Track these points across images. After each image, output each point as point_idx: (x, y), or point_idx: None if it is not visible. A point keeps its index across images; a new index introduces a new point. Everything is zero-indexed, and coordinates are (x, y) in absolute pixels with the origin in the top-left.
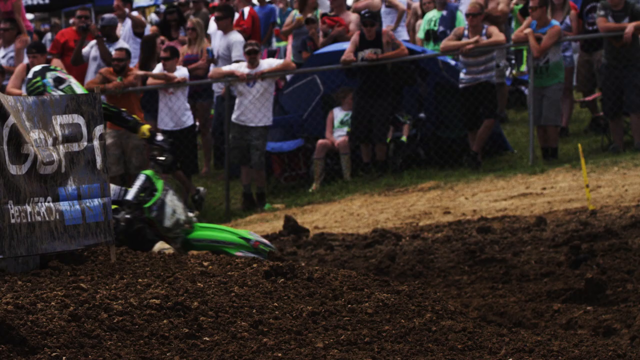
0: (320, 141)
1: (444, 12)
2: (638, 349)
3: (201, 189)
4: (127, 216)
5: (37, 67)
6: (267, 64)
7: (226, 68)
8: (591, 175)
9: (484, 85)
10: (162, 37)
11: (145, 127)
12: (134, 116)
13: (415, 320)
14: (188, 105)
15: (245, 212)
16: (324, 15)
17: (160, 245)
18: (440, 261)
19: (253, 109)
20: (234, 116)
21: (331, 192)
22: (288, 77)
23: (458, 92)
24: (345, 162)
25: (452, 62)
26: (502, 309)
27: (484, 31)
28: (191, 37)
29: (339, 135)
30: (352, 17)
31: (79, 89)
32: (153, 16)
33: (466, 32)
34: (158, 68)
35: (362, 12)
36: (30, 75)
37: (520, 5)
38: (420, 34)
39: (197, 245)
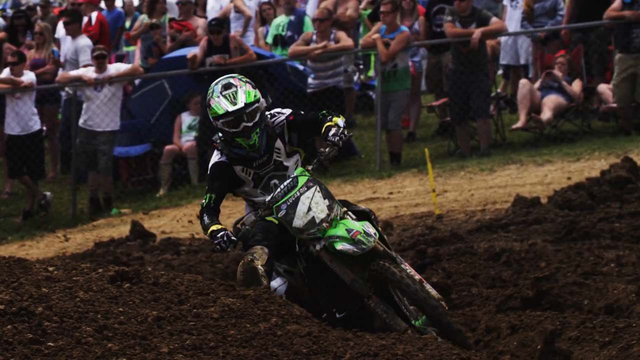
0: (167, 146)
1: (292, 17)
2: (482, 353)
3: (48, 193)
4: (253, 218)
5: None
6: (115, 68)
7: (74, 73)
8: (438, 179)
9: (332, 90)
10: (8, 45)
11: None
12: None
13: (260, 324)
14: (35, 110)
15: (92, 217)
16: (171, 20)
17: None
18: None
19: (100, 114)
20: (81, 121)
21: (178, 196)
22: (136, 81)
23: (306, 97)
24: (193, 167)
25: (301, 67)
26: None
27: (332, 36)
28: (39, 41)
29: (187, 140)
30: (200, 23)
31: (242, 96)
32: (0, 20)
33: (314, 37)
34: (5, 72)
35: (210, 20)
36: None
37: (369, 11)
38: (268, 39)
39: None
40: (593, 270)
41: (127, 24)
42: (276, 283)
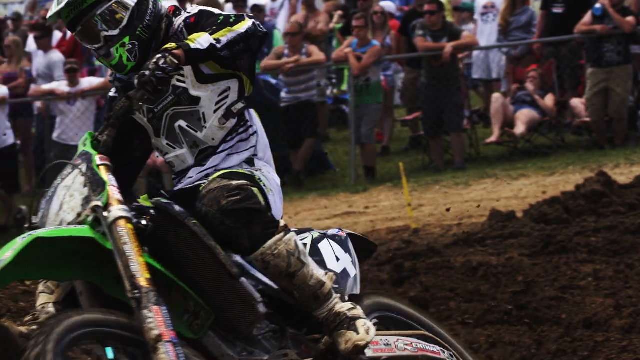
0: None
1: None
2: None
3: (24, 207)
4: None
5: None
6: (88, 82)
7: (46, 86)
8: (413, 194)
9: (305, 104)
10: None
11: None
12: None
13: None
14: (9, 124)
15: None
16: None
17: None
18: None
19: (74, 128)
20: (54, 135)
21: None
22: None
23: (280, 112)
24: None
25: (273, 81)
26: None
27: (304, 50)
28: (9, 55)
29: None
30: None
31: None
32: None
33: (286, 51)
34: None
35: None
36: None
37: (341, 25)
38: None
39: None
40: (570, 284)
41: None
42: None
